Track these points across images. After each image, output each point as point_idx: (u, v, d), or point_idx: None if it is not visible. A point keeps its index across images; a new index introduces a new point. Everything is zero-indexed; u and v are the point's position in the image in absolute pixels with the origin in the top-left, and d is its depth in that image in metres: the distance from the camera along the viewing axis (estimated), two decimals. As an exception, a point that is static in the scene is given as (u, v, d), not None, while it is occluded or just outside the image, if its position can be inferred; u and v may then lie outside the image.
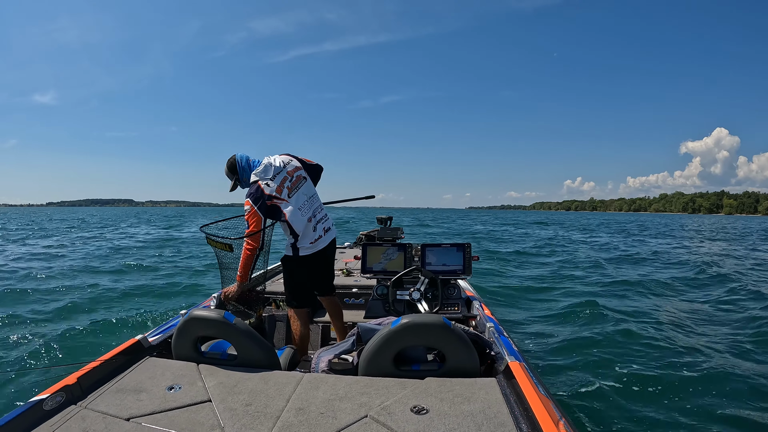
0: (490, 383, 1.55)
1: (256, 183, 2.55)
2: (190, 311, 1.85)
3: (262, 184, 2.54)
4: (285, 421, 1.36)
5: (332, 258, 2.90)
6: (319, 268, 2.76)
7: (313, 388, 1.57)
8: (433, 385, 1.54)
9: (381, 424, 1.33)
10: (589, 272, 8.78)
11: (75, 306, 5.91)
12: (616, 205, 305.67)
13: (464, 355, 1.64)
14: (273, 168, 2.60)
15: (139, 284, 7.58)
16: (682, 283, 7.65)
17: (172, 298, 6.67)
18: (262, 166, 2.60)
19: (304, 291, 2.74)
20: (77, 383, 1.60)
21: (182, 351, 1.85)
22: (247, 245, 2.52)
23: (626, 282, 7.54)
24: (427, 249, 2.84)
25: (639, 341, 4.17)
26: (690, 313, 5.36)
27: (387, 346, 1.65)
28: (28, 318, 5.33)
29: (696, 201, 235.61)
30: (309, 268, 2.70)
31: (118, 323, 5.02)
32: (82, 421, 1.39)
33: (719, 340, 4.18)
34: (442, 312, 2.61)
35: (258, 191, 2.53)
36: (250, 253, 2.54)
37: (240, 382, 1.61)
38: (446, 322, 1.61)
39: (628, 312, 5.34)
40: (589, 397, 3.02)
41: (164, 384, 1.61)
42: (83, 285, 7.40)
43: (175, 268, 9.56)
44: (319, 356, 1.96)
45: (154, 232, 22.40)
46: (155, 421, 1.38)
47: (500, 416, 1.34)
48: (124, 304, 6.19)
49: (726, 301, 6.09)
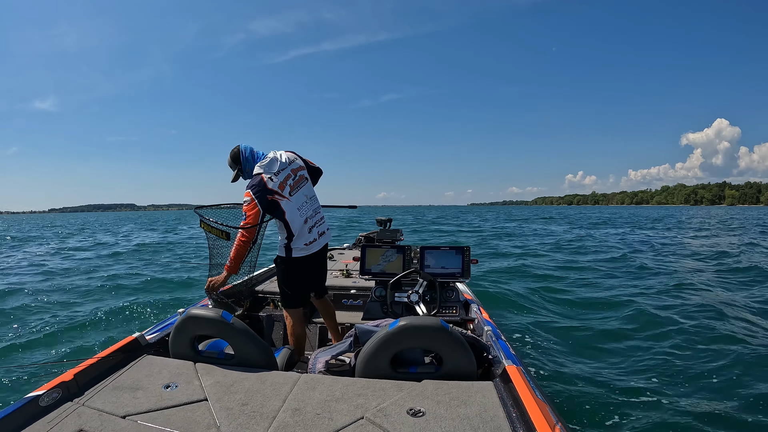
0: (487, 387, 1.55)
1: (260, 175, 2.50)
2: (187, 310, 1.85)
3: (265, 178, 2.49)
4: (281, 422, 1.36)
5: (325, 261, 2.90)
6: (312, 271, 2.75)
7: (309, 388, 1.57)
8: (429, 387, 1.54)
9: (377, 426, 1.33)
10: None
11: (75, 305, 5.91)
12: (618, 199, 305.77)
13: (461, 358, 1.64)
14: (278, 163, 2.55)
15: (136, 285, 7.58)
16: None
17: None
18: (267, 159, 2.55)
19: (297, 291, 2.70)
20: (74, 380, 1.60)
21: (179, 349, 1.85)
22: (242, 236, 2.47)
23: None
24: (426, 251, 2.84)
25: (639, 346, 4.16)
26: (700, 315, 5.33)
27: (384, 348, 1.65)
28: (28, 315, 5.33)
29: (698, 192, 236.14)
30: (302, 270, 2.67)
31: (116, 320, 5.02)
32: (78, 417, 1.39)
33: (735, 348, 4.14)
34: (440, 315, 2.61)
35: (260, 184, 2.48)
36: (243, 244, 2.48)
37: (237, 382, 1.61)
38: (444, 324, 1.61)
39: (631, 315, 5.33)
40: (586, 401, 3.02)
41: (161, 382, 1.61)
42: (82, 285, 7.40)
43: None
44: (317, 357, 1.96)
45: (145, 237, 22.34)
46: (151, 419, 1.38)
47: (497, 420, 1.34)
48: (123, 299, 6.19)
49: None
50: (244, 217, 2.46)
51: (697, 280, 7.44)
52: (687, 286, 6.92)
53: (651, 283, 7.37)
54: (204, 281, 2.67)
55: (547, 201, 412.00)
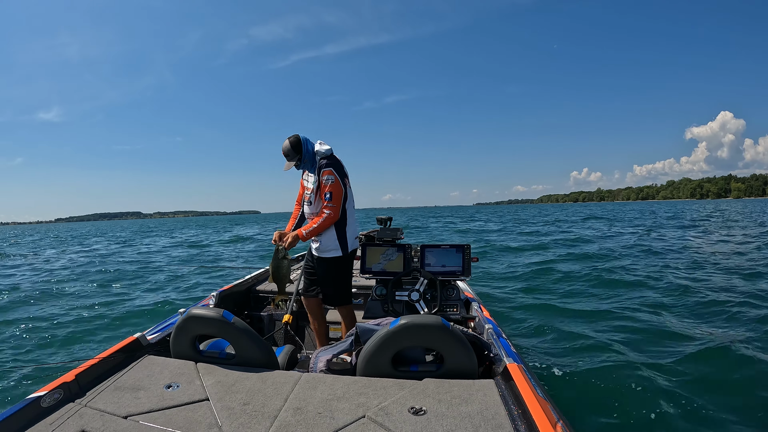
0: (488, 385, 1.55)
1: (338, 159, 2.61)
2: (188, 309, 1.85)
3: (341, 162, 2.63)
4: (282, 421, 1.36)
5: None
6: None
7: (311, 387, 1.57)
8: (431, 386, 1.54)
9: (378, 424, 1.33)
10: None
11: (74, 305, 5.92)
12: (623, 195, 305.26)
13: (462, 357, 1.64)
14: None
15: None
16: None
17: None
18: (327, 146, 2.64)
19: (350, 284, 2.81)
20: (75, 380, 1.60)
21: (181, 349, 1.85)
22: (331, 215, 2.54)
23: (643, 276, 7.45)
24: (427, 250, 2.83)
25: (644, 343, 4.15)
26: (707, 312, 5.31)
27: (385, 347, 1.65)
28: (27, 316, 5.33)
29: (704, 186, 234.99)
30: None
31: (116, 321, 5.02)
32: (80, 418, 1.39)
33: (723, 343, 4.13)
34: (440, 313, 2.61)
35: (341, 167, 2.60)
36: (329, 221, 2.56)
37: (238, 381, 1.61)
38: (445, 323, 1.61)
39: (630, 314, 5.32)
40: (588, 399, 3.02)
41: (162, 382, 1.61)
42: (81, 287, 7.40)
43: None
44: (318, 356, 1.96)
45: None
46: (153, 419, 1.38)
47: (498, 418, 1.34)
48: (122, 303, 6.19)
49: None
50: (329, 195, 2.53)
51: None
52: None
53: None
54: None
55: (553, 199, 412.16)
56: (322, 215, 2.55)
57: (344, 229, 2.65)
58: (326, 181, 2.52)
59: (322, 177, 2.53)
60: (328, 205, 2.54)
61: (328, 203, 2.53)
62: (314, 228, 2.56)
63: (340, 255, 2.66)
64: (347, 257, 2.69)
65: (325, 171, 2.52)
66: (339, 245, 2.65)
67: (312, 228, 2.56)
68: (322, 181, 2.53)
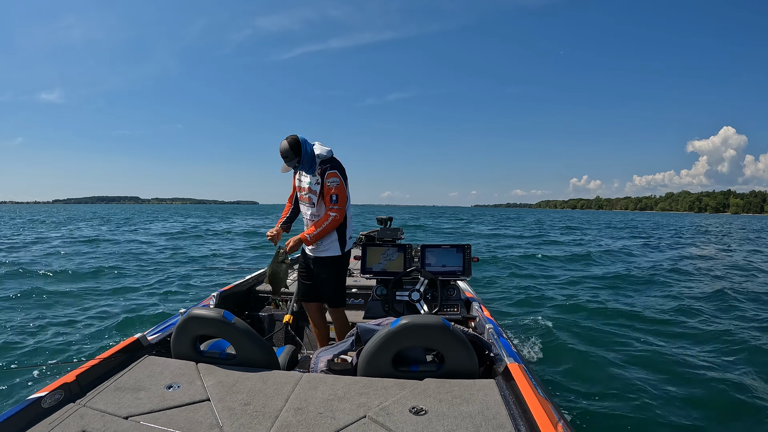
0: (488, 385, 1.54)
1: (339, 161, 2.61)
2: (189, 310, 1.84)
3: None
4: (283, 421, 1.36)
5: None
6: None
7: (311, 388, 1.57)
8: (431, 386, 1.53)
9: (379, 424, 1.32)
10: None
11: (74, 304, 5.92)
12: (622, 204, 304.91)
13: (463, 357, 1.64)
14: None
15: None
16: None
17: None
18: (328, 149, 2.66)
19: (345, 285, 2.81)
20: (76, 381, 1.60)
21: (181, 350, 1.85)
22: (337, 217, 2.53)
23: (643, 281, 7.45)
24: (427, 250, 2.83)
25: (643, 345, 4.16)
26: (697, 315, 5.33)
27: (386, 347, 1.65)
28: (27, 316, 5.33)
29: (702, 200, 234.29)
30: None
31: (117, 321, 5.02)
32: (81, 419, 1.39)
33: (719, 354, 4.14)
34: (441, 313, 2.61)
35: (343, 169, 2.61)
36: (334, 224, 2.55)
37: (239, 382, 1.61)
38: (445, 323, 1.61)
39: (630, 313, 5.33)
40: (588, 399, 3.02)
41: (163, 383, 1.61)
42: (81, 284, 7.41)
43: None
44: (318, 356, 1.96)
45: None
46: (154, 419, 1.38)
47: (499, 418, 1.34)
48: (123, 302, 6.19)
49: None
50: (335, 198, 2.53)
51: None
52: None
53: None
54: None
55: (551, 204, 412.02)
56: (327, 217, 2.54)
57: (344, 229, 2.65)
58: (332, 184, 2.52)
59: (327, 179, 2.52)
60: (333, 208, 2.53)
61: (334, 205, 2.53)
62: (319, 231, 2.54)
63: (339, 254, 2.65)
64: (344, 256, 2.69)
65: (330, 173, 2.52)
66: (338, 245, 2.65)
67: (317, 231, 2.54)
68: (327, 183, 2.52)
